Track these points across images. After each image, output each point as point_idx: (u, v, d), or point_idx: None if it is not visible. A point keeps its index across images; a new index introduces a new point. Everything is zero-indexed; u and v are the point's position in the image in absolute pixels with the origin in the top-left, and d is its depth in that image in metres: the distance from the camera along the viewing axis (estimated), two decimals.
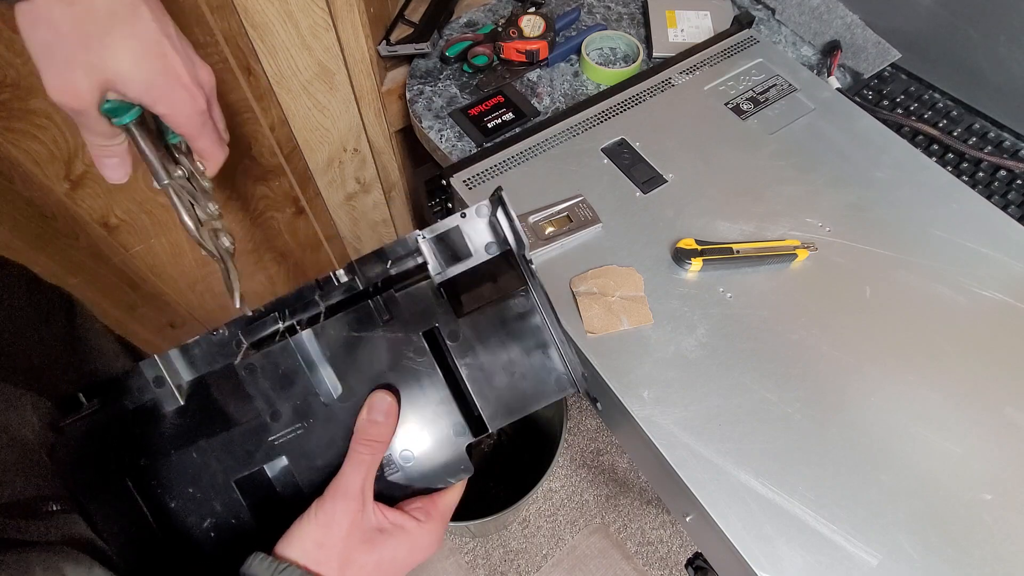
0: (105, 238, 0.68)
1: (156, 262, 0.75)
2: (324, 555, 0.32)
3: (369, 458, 0.34)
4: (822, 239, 0.58)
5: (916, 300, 0.54)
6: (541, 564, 1.23)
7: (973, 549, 0.43)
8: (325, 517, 0.32)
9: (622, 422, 0.50)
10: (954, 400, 0.49)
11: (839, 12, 0.74)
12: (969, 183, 0.63)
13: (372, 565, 0.33)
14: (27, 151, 0.56)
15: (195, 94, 0.36)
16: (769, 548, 0.43)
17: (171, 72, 0.35)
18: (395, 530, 0.34)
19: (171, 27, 0.35)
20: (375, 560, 0.33)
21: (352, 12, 0.66)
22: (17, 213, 0.59)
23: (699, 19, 0.79)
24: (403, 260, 0.36)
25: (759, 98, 0.69)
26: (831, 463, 0.46)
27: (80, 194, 0.62)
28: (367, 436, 0.34)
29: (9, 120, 0.53)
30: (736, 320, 0.53)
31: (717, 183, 0.62)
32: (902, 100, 0.72)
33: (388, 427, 0.34)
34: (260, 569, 0.30)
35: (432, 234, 0.34)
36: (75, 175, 0.60)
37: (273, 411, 0.35)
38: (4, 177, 0.56)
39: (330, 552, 0.32)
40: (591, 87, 0.74)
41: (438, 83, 0.75)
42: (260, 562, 0.30)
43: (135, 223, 0.69)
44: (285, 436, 0.35)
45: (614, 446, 1.35)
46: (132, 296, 0.76)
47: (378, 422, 0.34)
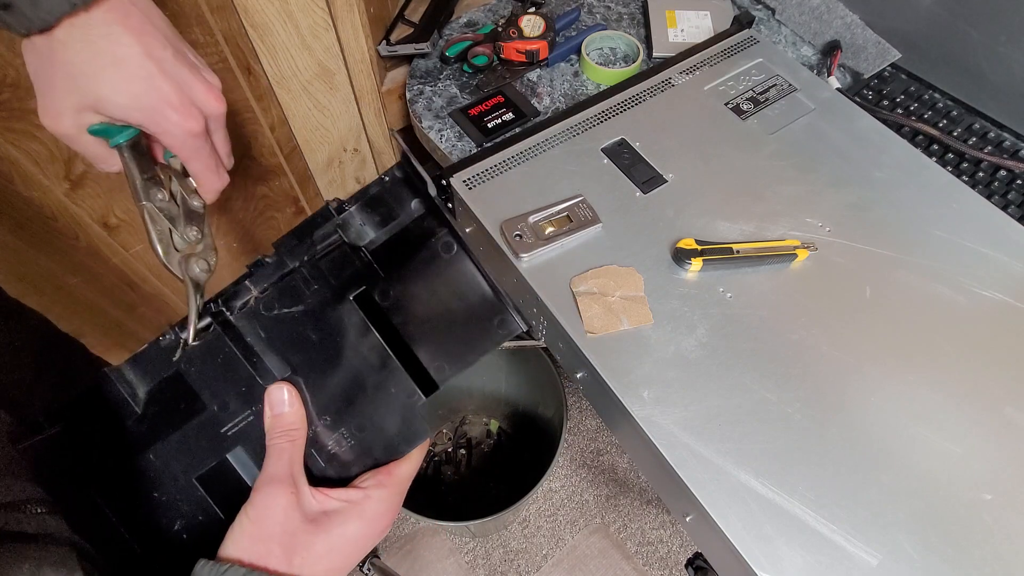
0: (105, 238, 0.68)
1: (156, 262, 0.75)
2: (264, 548, 0.30)
3: (288, 445, 0.33)
4: (822, 239, 0.58)
5: (916, 300, 0.54)
6: (541, 564, 1.23)
7: (973, 549, 0.43)
8: (255, 511, 0.31)
9: (622, 422, 0.50)
10: (954, 400, 0.49)
11: (839, 12, 0.74)
12: (969, 183, 0.63)
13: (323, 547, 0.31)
14: (27, 151, 0.56)
15: (187, 115, 0.36)
16: (769, 548, 0.43)
17: (157, 94, 0.35)
18: (343, 507, 0.32)
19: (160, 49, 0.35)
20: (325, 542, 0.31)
21: (352, 12, 0.66)
22: (17, 213, 0.59)
23: (699, 19, 0.79)
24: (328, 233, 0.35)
25: (759, 98, 0.69)
26: (831, 463, 0.46)
27: (80, 194, 0.62)
28: (278, 429, 0.34)
29: (9, 120, 0.53)
30: (736, 320, 0.53)
31: (717, 183, 0.62)
32: (902, 100, 0.72)
33: (295, 412, 0.34)
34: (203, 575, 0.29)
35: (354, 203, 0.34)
36: (75, 175, 0.60)
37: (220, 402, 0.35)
38: (4, 177, 0.56)
39: (269, 544, 0.30)
40: (591, 87, 0.74)
41: (438, 83, 0.75)
42: (202, 567, 0.29)
43: (135, 223, 0.69)
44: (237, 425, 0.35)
45: (614, 446, 1.35)
46: (132, 296, 0.76)
47: (282, 413, 0.34)
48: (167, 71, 0.35)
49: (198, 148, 0.38)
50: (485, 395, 1.36)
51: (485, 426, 1.40)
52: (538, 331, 0.59)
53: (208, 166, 0.39)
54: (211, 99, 0.37)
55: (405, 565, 1.22)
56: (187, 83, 0.36)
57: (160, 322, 0.82)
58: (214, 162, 0.39)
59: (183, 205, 0.39)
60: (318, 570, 0.31)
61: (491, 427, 1.38)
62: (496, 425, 1.39)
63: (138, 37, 0.34)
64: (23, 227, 0.60)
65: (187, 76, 0.36)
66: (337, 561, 0.32)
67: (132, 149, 0.37)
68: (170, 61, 0.35)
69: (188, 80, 0.36)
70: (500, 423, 1.39)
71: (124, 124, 0.36)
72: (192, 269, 0.39)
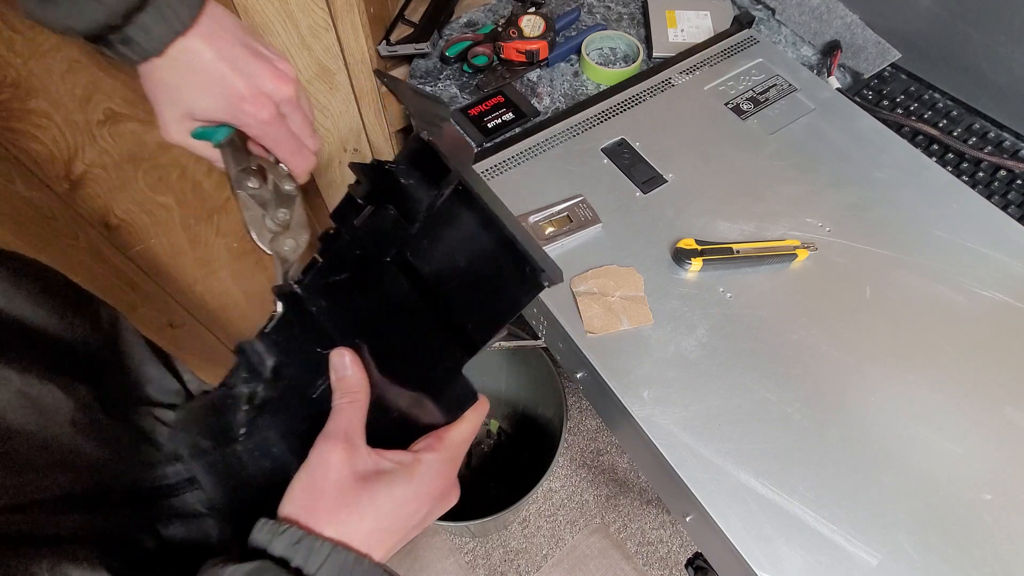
0: (105, 238, 0.68)
1: (156, 262, 0.75)
2: (313, 500, 0.31)
3: (348, 406, 0.34)
4: (822, 239, 0.58)
5: (916, 300, 0.54)
6: (541, 564, 1.23)
7: (973, 549, 0.43)
8: (310, 464, 0.32)
9: (622, 422, 0.50)
10: (954, 400, 0.49)
11: (839, 12, 0.74)
12: (969, 183, 0.63)
13: (369, 505, 0.31)
14: (27, 151, 0.56)
15: (258, 105, 0.40)
16: (769, 548, 0.43)
17: (231, 90, 0.39)
18: (394, 468, 0.32)
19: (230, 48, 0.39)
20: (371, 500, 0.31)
21: (352, 12, 0.66)
22: (17, 213, 0.59)
23: (699, 19, 0.79)
24: None
25: (759, 98, 0.69)
26: (831, 463, 0.46)
27: (80, 194, 0.62)
28: (340, 391, 0.35)
29: (9, 120, 0.53)
30: (736, 320, 0.53)
31: (717, 183, 0.62)
32: (902, 100, 0.72)
33: (356, 376, 0.35)
34: (261, 535, 0.29)
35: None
36: (75, 175, 0.60)
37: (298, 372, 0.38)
38: (4, 177, 0.56)
39: (320, 496, 0.31)
40: (591, 87, 0.74)
41: (438, 83, 0.75)
42: (261, 526, 0.30)
43: (135, 223, 0.69)
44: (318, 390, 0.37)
45: (614, 446, 1.35)
46: (132, 296, 0.76)
47: (344, 376, 0.35)
48: (238, 68, 0.38)
49: (275, 134, 0.41)
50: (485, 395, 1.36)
51: (485, 426, 1.40)
52: (538, 331, 0.59)
53: (289, 149, 0.42)
54: (278, 84, 0.40)
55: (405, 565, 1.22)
56: (256, 75, 0.39)
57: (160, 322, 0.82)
58: (294, 144, 0.43)
59: (276, 190, 0.43)
60: (363, 528, 0.31)
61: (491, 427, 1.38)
62: (496, 425, 1.39)
63: (209, 42, 0.38)
64: (23, 227, 0.60)
65: (256, 68, 0.39)
66: (384, 522, 0.32)
67: (230, 146, 0.41)
68: (241, 58, 0.39)
69: (257, 71, 0.39)
70: (500, 423, 1.39)
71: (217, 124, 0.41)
72: (282, 248, 0.43)
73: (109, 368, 0.43)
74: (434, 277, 0.34)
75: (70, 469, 0.35)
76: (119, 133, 0.60)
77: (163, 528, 0.39)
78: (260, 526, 0.30)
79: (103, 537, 0.34)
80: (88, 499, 0.35)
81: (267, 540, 0.29)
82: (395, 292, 0.35)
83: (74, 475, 0.35)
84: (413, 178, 0.34)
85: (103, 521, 0.35)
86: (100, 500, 0.36)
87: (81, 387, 0.37)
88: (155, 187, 0.67)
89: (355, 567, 0.30)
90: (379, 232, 0.35)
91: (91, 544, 0.32)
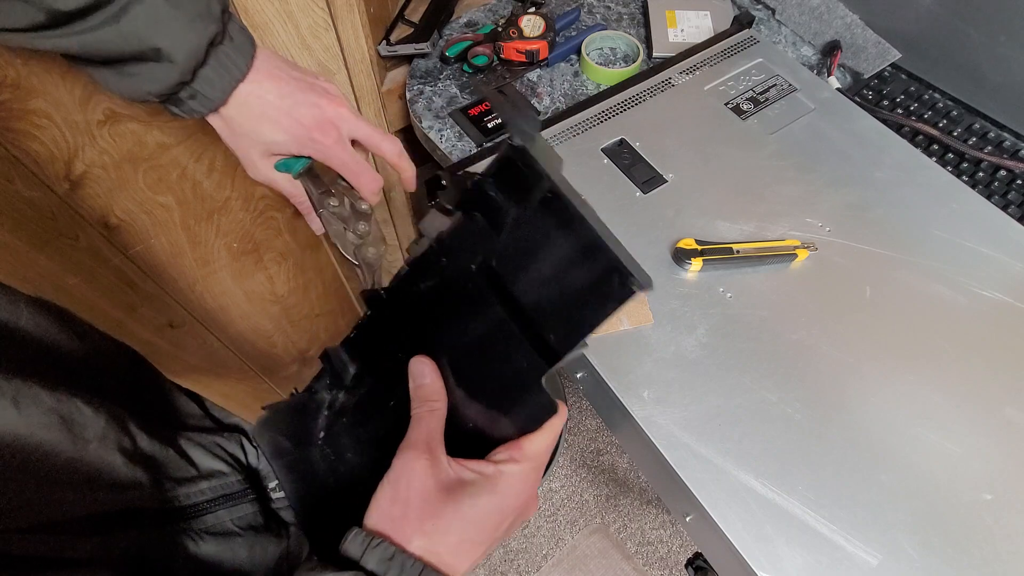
0: (105, 238, 0.68)
1: (156, 262, 0.75)
2: (399, 510, 0.31)
3: (428, 415, 0.34)
4: (822, 239, 0.58)
5: (916, 300, 0.54)
6: (541, 564, 1.23)
7: (973, 549, 0.43)
8: (394, 474, 0.32)
9: (622, 422, 0.50)
10: (954, 400, 0.49)
11: (839, 12, 0.74)
12: (969, 183, 0.63)
13: (453, 516, 0.31)
14: (27, 151, 0.56)
15: (324, 132, 0.44)
16: (769, 548, 0.43)
17: (299, 124, 0.43)
18: (477, 479, 0.32)
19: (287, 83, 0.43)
20: (456, 511, 0.31)
21: (352, 12, 0.66)
22: (17, 213, 0.59)
23: (699, 19, 0.79)
24: None
25: (759, 98, 0.69)
26: (831, 463, 0.46)
27: (80, 194, 0.62)
28: (419, 399, 0.35)
29: (9, 120, 0.53)
30: (736, 320, 0.53)
31: (717, 183, 0.62)
32: (902, 100, 0.72)
33: (434, 384, 0.36)
34: (354, 547, 0.30)
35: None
36: (75, 175, 0.60)
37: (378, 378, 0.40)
38: (4, 177, 0.56)
39: (407, 506, 0.31)
40: (591, 87, 0.74)
41: (438, 83, 0.75)
42: (354, 537, 0.30)
43: (135, 223, 0.69)
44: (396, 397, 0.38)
45: (614, 446, 1.35)
46: (132, 296, 0.75)
47: (423, 384, 0.36)
48: (299, 102, 0.43)
49: (341, 156, 0.46)
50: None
51: None
52: None
53: (354, 171, 0.47)
54: (334, 108, 0.45)
55: None
56: (315, 104, 0.44)
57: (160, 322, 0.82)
58: (359, 166, 0.47)
59: (352, 208, 0.48)
60: (450, 539, 0.31)
61: None
62: None
63: (271, 86, 0.42)
64: (23, 227, 0.60)
65: (314, 98, 0.44)
66: (470, 533, 0.31)
67: (308, 174, 0.47)
68: (298, 92, 0.43)
69: (315, 101, 0.44)
70: None
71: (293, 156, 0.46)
72: (365, 255, 0.47)
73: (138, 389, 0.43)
74: (519, 286, 0.33)
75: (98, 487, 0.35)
76: (119, 133, 0.60)
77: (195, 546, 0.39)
78: (353, 537, 0.30)
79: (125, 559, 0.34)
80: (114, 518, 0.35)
81: (359, 552, 0.29)
82: (478, 301, 0.35)
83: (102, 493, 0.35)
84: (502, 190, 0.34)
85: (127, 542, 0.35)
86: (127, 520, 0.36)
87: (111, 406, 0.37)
88: (155, 187, 0.67)
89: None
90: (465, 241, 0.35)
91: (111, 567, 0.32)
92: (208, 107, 0.41)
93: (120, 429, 0.37)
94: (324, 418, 0.41)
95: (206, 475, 0.42)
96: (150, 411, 0.42)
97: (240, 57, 0.40)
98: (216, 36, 0.39)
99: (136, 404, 0.41)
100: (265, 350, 1.01)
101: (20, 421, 0.31)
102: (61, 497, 0.33)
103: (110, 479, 0.35)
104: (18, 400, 0.31)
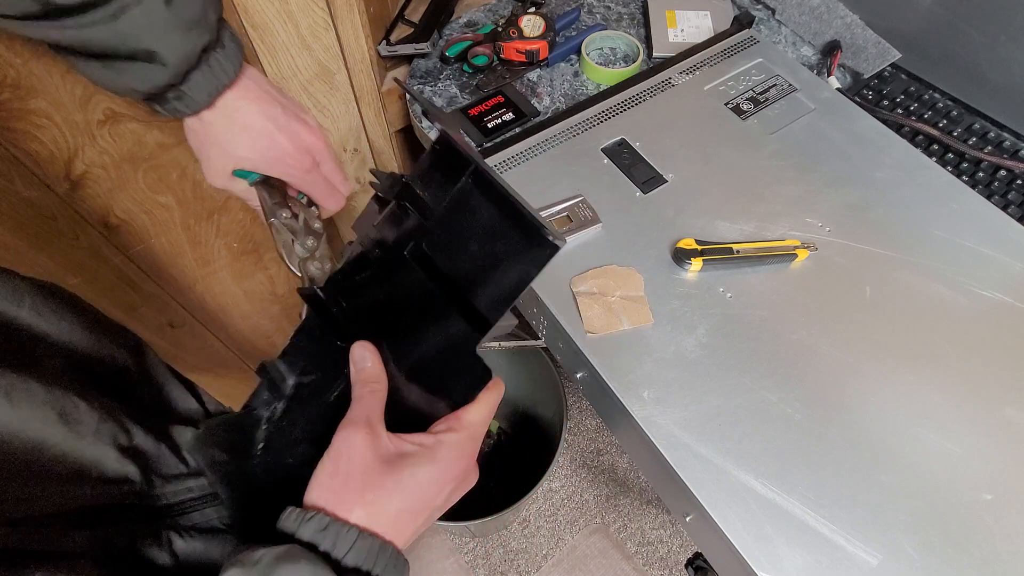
0: (105, 238, 0.68)
1: (156, 262, 0.75)
2: (340, 484, 0.31)
3: (368, 394, 0.35)
4: (822, 239, 0.58)
5: (916, 300, 0.54)
6: (541, 564, 1.23)
7: (973, 549, 0.43)
8: (334, 450, 0.33)
9: (622, 422, 0.50)
10: (954, 400, 0.49)
11: (839, 12, 0.74)
12: (969, 183, 0.63)
13: (394, 486, 0.32)
14: (27, 151, 0.56)
15: (299, 159, 0.45)
16: (769, 548, 0.43)
17: (278, 149, 0.44)
18: (416, 450, 0.33)
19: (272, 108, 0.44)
20: (396, 482, 0.32)
21: (352, 12, 0.66)
22: (17, 213, 0.59)
23: (699, 19, 0.79)
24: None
25: (759, 98, 0.69)
26: (831, 463, 0.46)
27: (80, 194, 0.62)
28: (360, 381, 0.36)
29: (9, 120, 0.53)
30: (736, 320, 0.53)
31: (717, 183, 0.62)
32: (902, 100, 0.72)
33: (375, 368, 0.37)
34: (289, 523, 0.30)
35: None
36: (75, 175, 0.60)
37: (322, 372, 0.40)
38: (4, 177, 0.56)
39: (346, 479, 0.31)
40: (591, 87, 0.74)
41: (438, 83, 0.75)
42: (288, 514, 0.30)
43: (135, 223, 0.69)
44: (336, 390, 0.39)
45: (614, 446, 1.35)
46: (132, 296, 0.76)
47: (363, 367, 0.36)
48: (281, 127, 0.44)
49: (312, 181, 0.47)
50: None
51: None
52: (538, 331, 0.59)
53: (323, 192, 0.48)
54: (315, 139, 0.46)
55: None
56: (296, 132, 0.45)
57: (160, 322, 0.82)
58: (327, 188, 0.48)
59: (305, 224, 0.49)
60: (389, 509, 0.31)
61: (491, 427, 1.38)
62: (496, 425, 1.39)
63: (257, 104, 0.43)
64: (23, 227, 0.60)
65: (296, 127, 0.45)
66: (409, 502, 0.32)
67: (263, 183, 0.47)
68: (282, 118, 0.44)
69: (297, 129, 0.45)
70: (500, 423, 1.39)
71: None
72: (309, 269, 0.48)
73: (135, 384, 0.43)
74: (448, 263, 0.35)
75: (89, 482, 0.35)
76: (119, 133, 0.60)
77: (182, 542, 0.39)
78: (287, 514, 0.30)
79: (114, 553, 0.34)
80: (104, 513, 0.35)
81: (295, 527, 0.30)
82: (411, 283, 0.37)
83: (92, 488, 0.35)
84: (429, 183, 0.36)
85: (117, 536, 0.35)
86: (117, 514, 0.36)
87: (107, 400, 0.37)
88: (155, 187, 0.67)
89: (380, 553, 0.30)
90: (396, 230, 0.37)
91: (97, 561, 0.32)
92: (192, 108, 0.41)
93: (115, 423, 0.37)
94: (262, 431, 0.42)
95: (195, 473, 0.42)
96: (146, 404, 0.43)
97: (230, 64, 0.41)
98: (210, 43, 0.39)
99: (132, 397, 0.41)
100: (265, 350, 1.01)
101: (12, 415, 0.31)
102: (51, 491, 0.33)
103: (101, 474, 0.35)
104: (11, 394, 0.31)
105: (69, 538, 0.32)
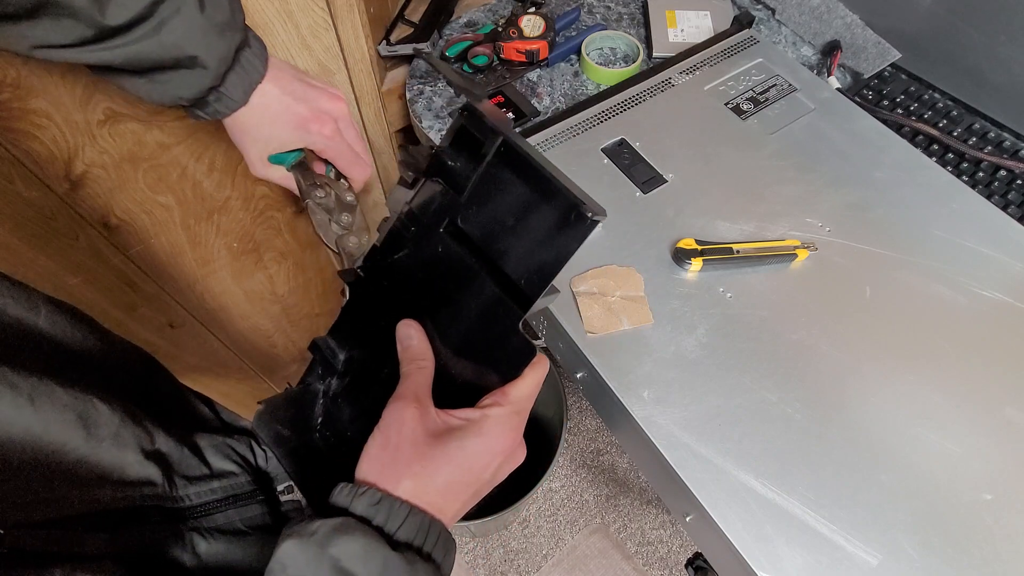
0: (105, 238, 0.68)
1: (156, 262, 0.75)
2: (389, 455, 0.32)
3: (416, 371, 0.36)
4: (822, 239, 0.58)
5: (916, 300, 0.54)
6: (541, 564, 1.23)
7: (973, 549, 0.43)
8: (383, 423, 0.33)
9: (622, 422, 0.50)
10: (954, 400, 0.49)
11: (839, 12, 0.74)
12: (969, 183, 0.63)
13: (442, 459, 0.32)
14: (27, 151, 0.56)
15: (320, 122, 0.47)
16: (769, 548, 0.43)
17: (297, 117, 0.46)
18: (463, 424, 0.34)
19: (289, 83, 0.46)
20: (444, 454, 0.32)
21: (352, 12, 0.66)
22: (17, 213, 0.59)
23: (699, 19, 0.79)
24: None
25: (759, 98, 0.69)
26: (831, 463, 0.46)
27: (80, 194, 0.62)
28: (407, 359, 0.37)
29: (9, 120, 0.53)
30: (736, 320, 0.53)
31: (717, 183, 0.62)
32: (902, 100, 0.72)
33: (421, 344, 0.37)
34: (341, 497, 0.31)
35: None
36: (75, 175, 0.60)
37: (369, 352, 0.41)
38: (4, 177, 0.56)
39: (396, 451, 0.32)
40: (591, 87, 0.74)
41: (438, 83, 0.75)
42: (341, 489, 0.31)
43: (135, 223, 0.69)
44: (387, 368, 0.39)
45: (614, 446, 1.35)
46: (132, 296, 0.75)
47: (411, 345, 0.37)
48: (299, 97, 0.46)
49: (337, 146, 0.49)
50: None
51: None
52: (538, 331, 0.59)
53: (349, 160, 0.50)
54: (334, 103, 0.48)
55: None
56: (315, 99, 0.47)
57: (160, 322, 0.82)
58: (352, 156, 0.50)
59: (338, 200, 0.51)
60: (438, 480, 0.32)
61: None
62: None
63: (275, 83, 0.45)
64: (23, 227, 0.60)
65: (313, 94, 0.47)
66: (457, 475, 0.32)
67: (299, 167, 0.50)
68: (299, 89, 0.46)
69: (315, 96, 0.47)
70: None
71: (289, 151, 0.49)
72: (347, 245, 0.50)
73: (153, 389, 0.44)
74: (486, 239, 0.35)
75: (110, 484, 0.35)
76: (119, 133, 0.60)
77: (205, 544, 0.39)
78: (340, 489, 0.31)
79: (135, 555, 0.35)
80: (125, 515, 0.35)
81: (347, 501, 0.30)
82: (450, 260, 0.37)
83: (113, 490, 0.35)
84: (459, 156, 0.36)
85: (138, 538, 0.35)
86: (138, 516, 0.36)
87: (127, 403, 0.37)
88: (155, 187, 0.67)
89: (430, 531, 0.31)
90: (430, 207, 0.37)
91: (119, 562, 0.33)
92: (231, 108, 0.44)
93: (137, 426, 0.37)
94: (320, 406, 0.43)
95: (217, 475, 0.42)
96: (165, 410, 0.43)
97: (259, 61, 0.44)
98: (241, 42, 0.42)
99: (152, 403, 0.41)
100: (265, 350, 1.01)
101: (35, 418, 0.31)
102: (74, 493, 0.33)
103: (123, 476, 0.36)
104: (34, 397, 0.31)
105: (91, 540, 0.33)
